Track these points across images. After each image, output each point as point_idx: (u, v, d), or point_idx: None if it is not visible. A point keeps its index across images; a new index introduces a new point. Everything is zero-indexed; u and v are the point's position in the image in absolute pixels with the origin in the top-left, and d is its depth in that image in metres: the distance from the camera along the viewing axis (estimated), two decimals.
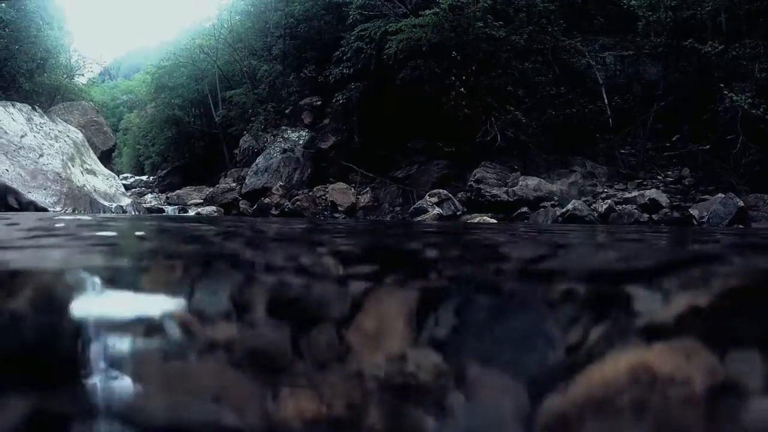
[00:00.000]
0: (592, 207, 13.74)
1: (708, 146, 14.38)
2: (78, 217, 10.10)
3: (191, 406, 0.85)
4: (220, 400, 0.89)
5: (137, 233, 5.20)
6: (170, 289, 1.89)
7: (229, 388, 0.92)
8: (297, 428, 0.78)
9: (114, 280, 1.97)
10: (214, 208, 19.26)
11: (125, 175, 36.58)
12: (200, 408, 0.85)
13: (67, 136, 16.47)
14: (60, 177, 14.24)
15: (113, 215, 13.40)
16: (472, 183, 15.93)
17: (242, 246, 4.25)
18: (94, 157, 18.14)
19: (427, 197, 15.87)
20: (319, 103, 23.00)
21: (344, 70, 19.65)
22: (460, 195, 16.24)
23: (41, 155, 14.35)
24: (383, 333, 1.29)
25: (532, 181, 15.23)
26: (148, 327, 1.27)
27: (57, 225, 5.99)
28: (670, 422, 0.82)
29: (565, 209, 13.67)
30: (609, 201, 13.74)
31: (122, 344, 1.09)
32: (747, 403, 0.90)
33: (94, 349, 1.06)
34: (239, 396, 0.90)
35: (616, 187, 15.17)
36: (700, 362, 1.05)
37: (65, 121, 19.48)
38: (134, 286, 1.93)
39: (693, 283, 2.39)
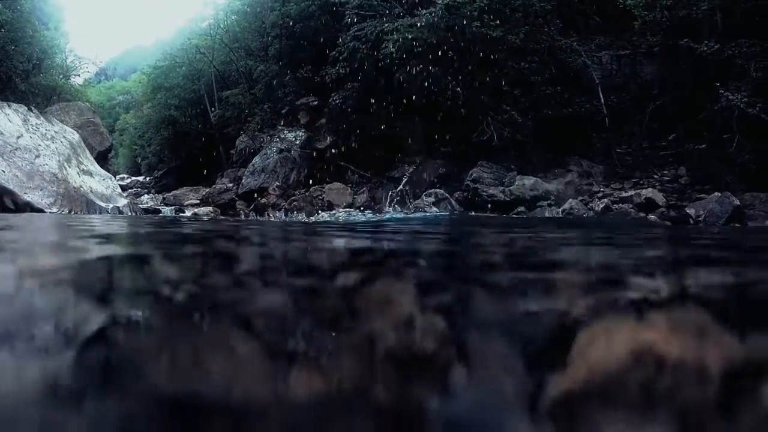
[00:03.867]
0: (588, 206, 13.75)
1: (704, 145, 14.38)
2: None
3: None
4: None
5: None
6: None
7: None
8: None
9: None
10: (210, 208, 19.22)
11: (122, 175, 36.55)
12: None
13: (64, 136, 16.40)
14: (56, 178, 14.19)
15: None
16: (468, 183, 15.93)
17: None
18: (91, 158, 18.06)
19: (423, 197, 15.88)
20: (315, 103, 22.98)
21: (340, 70, 19.65)
22: (456, 195, 16.24)
23: (37, 156, 14.30)
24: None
25: (529, 181, 15.24)
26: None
27: None
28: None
29: (561, 208, 13.69)
30: (605, 200, 13.75)
31: None
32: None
33: None
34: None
35: (612, 186, 15.18)
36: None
37: (61, 121, 19.36)
38: None
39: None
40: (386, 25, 18.07)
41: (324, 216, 15.11)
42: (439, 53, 17.28)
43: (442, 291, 1.92)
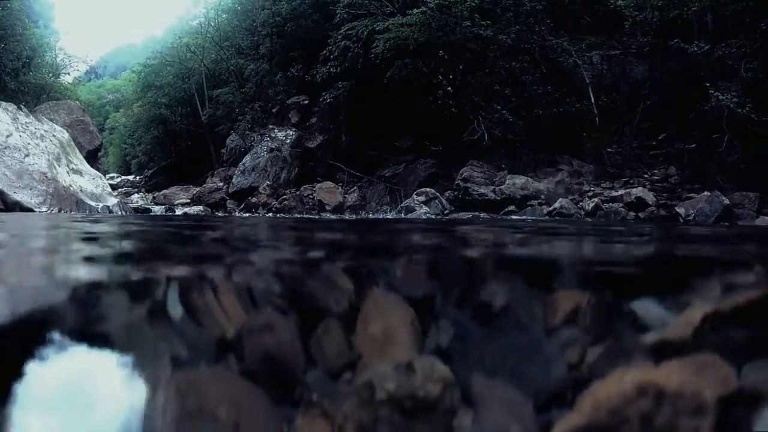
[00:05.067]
0: (578, 205, 13.78)
1: (694, 145, 14.42)
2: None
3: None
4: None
5: None
6: None
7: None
8: None
9: None
10: (201, 207, 19.15)
11: (111, 174, 36.40)
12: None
13: (53, 135, 16.31)
14: (46, 177, 14.11)
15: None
16: (459, 182, 15.93)
17: None
18: (80, 157, 17.96)
19: (414, 196, 15.86)
20: (306, 102, 22.95)
21: (331, 69, 19.60)
22: (447, 194, 16.24)
23: (27, 155, 14.21)
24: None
25: (519, 180, 15.26)
26: None
27: None
28: None
29: (552, 207, 13.71)
30: (596, 199, 13.78)
31: None
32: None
33: None
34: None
35: (602, 185, 15.22)
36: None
37: (51, 120, 19.25)
38: None
39: None
40: (377, 24, 18.05)
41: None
42: (430, 52, 17.28)
43: None
